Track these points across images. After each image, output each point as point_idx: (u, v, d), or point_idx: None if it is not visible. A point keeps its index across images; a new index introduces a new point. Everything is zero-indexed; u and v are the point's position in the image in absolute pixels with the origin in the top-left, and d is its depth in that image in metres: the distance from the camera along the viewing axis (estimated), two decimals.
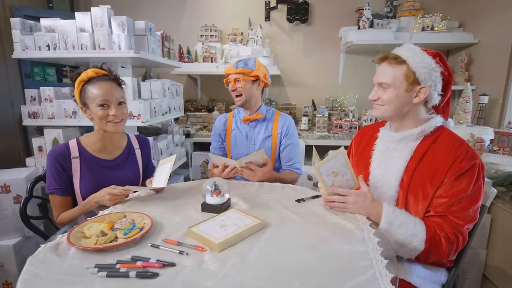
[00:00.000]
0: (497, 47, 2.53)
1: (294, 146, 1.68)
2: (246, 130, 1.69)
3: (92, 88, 1.22)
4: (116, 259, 0.77)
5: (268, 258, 0.79)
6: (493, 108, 2.53)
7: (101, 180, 1.25)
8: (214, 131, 1.77)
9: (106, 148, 1.33)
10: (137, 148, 1.44)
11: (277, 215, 1.05)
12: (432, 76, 1.02)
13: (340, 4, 3.24)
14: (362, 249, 0.83)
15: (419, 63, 1.02)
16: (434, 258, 1.00)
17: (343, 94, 3.37)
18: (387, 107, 1.08)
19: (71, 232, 0.88)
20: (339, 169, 1.05)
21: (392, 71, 1.05)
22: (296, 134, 1.72)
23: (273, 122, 1.68)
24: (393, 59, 1.05)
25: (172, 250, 0.81)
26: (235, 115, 1.75)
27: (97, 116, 1.23)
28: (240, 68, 1.56)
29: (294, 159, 1.67)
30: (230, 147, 1.71)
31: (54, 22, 1.89)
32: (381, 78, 1.08)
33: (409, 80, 1.03)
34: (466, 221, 1.00)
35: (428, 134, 1.08)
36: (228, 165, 1.42)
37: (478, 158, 1.01)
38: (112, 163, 1.34)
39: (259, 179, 1.42)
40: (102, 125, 1.25)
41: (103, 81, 1.24)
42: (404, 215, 1.00)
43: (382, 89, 1.09)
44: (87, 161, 1.28)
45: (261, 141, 1.67)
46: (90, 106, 1.23)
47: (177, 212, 1.08)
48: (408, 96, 1.05)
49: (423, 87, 1.03)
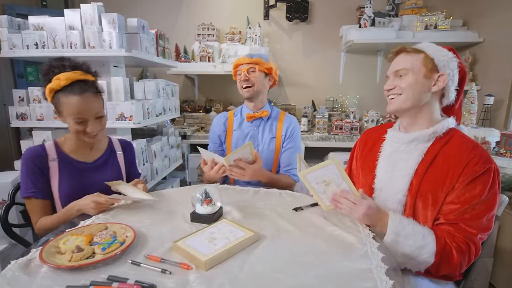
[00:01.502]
0: (502, 46, 2.46)
1: (295, 150, 1.58)
2: (249, 129, 1.58)
3: (65, 99, 1.10)
4: (91, 280, 0.69)
5: (259, 279, 0.71)
6: (498, 109, 2.45)
7: (80, 183, 1.18)
8: (212, 132, 1.66)
9: (84, 151, 1.26)
10: (119, 151, 1.36)
11: (272, 226, 0.97)
12: (450, 64, 1.00)
13: (341, 2, 3.16)
14: (364, 267, 0.75)
15: (436, 51, 1.01)
16: (446, 271, 0.92)
17: (343, 95, 3.29)
18: (406, 95, 1.02)
19: (45, 246, 0.80)
20: (332, 179, 0.96)
21: (410, 58, 1.02)
22: (299, 138, 1.61)
23: (278, 122, 1.58)
24: (410, 49, 1.03)
25: (154, 268, 0.73)
26: (236, 114, 1.64)
27: (73, 129, 1.14)
28: (256, 58, 1.49)
29: (293, 164, 1.58)
30: (231, 149, 1.59)
31: (42, 20, 1.81)
32: (398, 65, 1.04)
33: (428, 66, 1.00)
34: (480, 230, 0.91)
35: (440, 135, 1.01)
36: (217, 162, 1.33)
37: (493, 162, 0.93)
38: (91, 165, 1.26)
39: (249, 178, 1.33)
40: (78, 137, 1.17)
41: (78, 94, 1.10)
42: (412, 225, 0.92)
43: (399, 78, 1.04)
44: (65, 163, 1.20)
45: (266, 143, 1.57)
46: (65, 117, 1.14)
47: (164, 222, 1.00)
48: (426, 83, 1.00)
49: (441, 74, 0.99)
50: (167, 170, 2.40)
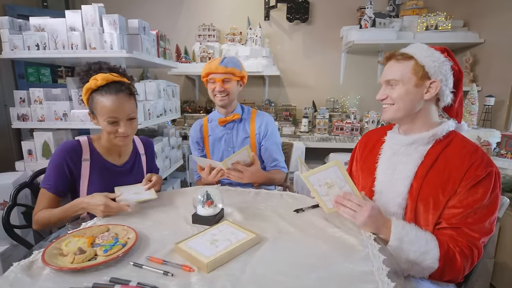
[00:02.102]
0: (503, 47, 2.46)
1: (276, 145, 1.60)
2: (223, 133, 1.61)
3: (101, 99, 1.12)
4: (93, 282, 0.69)
5: (261, 281, 0.71)
6: (499, 110, 2.45)
7: (110, 186, 1.18)
8: (191, 140, 1.69)
9: (115, 153, 1.27)
10: (142, 154, 1.38)
11: (274, 228, 0.97)
12: (442, 69, 0.96)
13: (341, 2, 3.16)
14: (366, 269, 0.75)
15: (427, 57, 0.97)
16: (450, 276, 0.92)
17: (344, 95, 3.29)
18: (398, 106, 1.01)
19: (48, 248, 0.80)
20: (335, 181, 0.95)
21: (399, 66, 1.00)
22: (276, 132, 1.63)
23: (250, 122, 1.60)
24: (400, 55, 1.01)
25: (156, 270, 0.74)
26: (210, 119, 1.66)
27: (105, 130, 1.16)
28: (230, 68, 1.47)
29: (278, 158, 1.60)
30: (210, 153, 1.63)
31: (44, 21, 1.82)
32: (388, 75, 1.02)
33: (418, 74, 0.97)
34: (482, 234, 0.92)
35: (440, 138, 1.00)
36: (214, 167, 1.34)
37: (494, 166, 0.93)
38: (120, 169, 1.27)
39: (248, 180, 1.34)
40: (109, 139, 1.18)
41: (114, 94, 1.12)
42: (415, 231, 0.92)
43: (390, 87, 1.03)
44: (98, 164, 1.21)
45: (240, 143, 1.59)
46: (98, 118, 1.16)
47: (166, 223, 1.00)
48: (418, 92, 0.99)
49: (433, 81, 0.97)
50: (168, 171, 2.40)
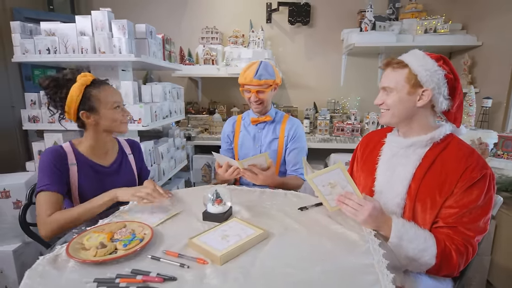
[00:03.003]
0: (500, 49, 2.51)
1: (300, 150, 1.67)
2: (254, 131, 1.70)
3: (100, 91, 1.21)
4: (116, 273, 0.75)
5: (270, 273, 0.77)
6: (496, 112, 2.50)
7: (100, 187, 1.22)
8: (223, 133, 1.80)
9: (101, 154, 1.31)
10: (129, 153, 1.42)
11: (280, 225, 1.03)
12: (434, 78, 1.01)
13: (342, 6, 3.22)
14: (367, 262, 0.81)
15: (420, 66, 1.02)
16: (446, 272, 0.98)
17: (345, 97, 3.35)
18: (392, 112, 1.08)
19: (70, 243, 0.86)
20: (338, 182, 1.01)
21: (394, 75, 1.06)
22: (303, 138, 1.70)
23: (281, 125, 1.69)
24: (396, 64, 1.06)
25: (173, 263, 0.80)
26: (244, 117, 1.77)
27: (112, 118, 1.23)
28: (264, 80, 1.54)
29: (299, 164, 1.66)
30: (238, 148, 1.73)
31: (54, 26, 1.87)
32: (384, 83, 1.09)
33: (411, 82, 1.03)
34: (477, 233, 0.98)
35: (438, 141, 1.06)
36: (231, 165, 1.41)
37: (488, 168, 0.99)
38: (108, 169, 1.31)
39: (261, 182, 1.41)
40: (114, 126, 1.25)
41: (107, 84, 1.26)
42: (414, 229, 0.98)
43: (386, 94, 1.09)
44: (85, 167, 1.24)
45: (268, 143, 1.67)
46: (101, 110, 1.21)
47: (178, 221, 1.07)
48: (411, 99, 1.04)
49: (426, 89, 1.02)
50: (173, 171, 2.46)
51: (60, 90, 1.20)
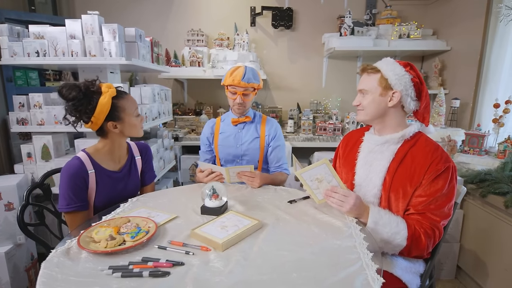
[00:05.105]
0: (467, 53, 2.73)
1: (281, 147, 1.79)
2: (234, 131, 1.78)
3: (125, 101, 1.28)
4: (128, 261, 0.83)
5: (267, 255, 0.87)
6: (464, 111, 2.72)
7: (114, 192, 1.27)
8: (202, 135, 1.86)
9: (114, 160, 1.35)
10: (137, 156, 1.46)
11: (272, 216, 1.13)
12: (402, 81, 1.15)
13: (323, 11, 3.37)
14: (350, 244, 0.93)
15: (390, 71, 1.17)
16: (416, 253, 1.12)
17: (326, 98, 3.50)
18: (366, 111, 1.23)
19: (80, 237, 0.93)
20: (324, 177, 1.14)
21: (369, 79, 1.22)
22: (282, 136, 1.82)
23: (261, 125, 1.78)
24: (370, 69, 1.22)
25: (179, 251, 0.88)
26: (223, 119, 1.84)
27: (135, 125, 1.30)
28: (251, 83, 1.63)
29: (282, 160, 1.78)
30: (218, 149, 1.79)
31: (43, 29, 1.89)
32: (360, 86, 1.25)
33: (382, 85, 1.18)
34: (442, 218, 1.12)
35: (408, 138, 1.20)
36: (214, 171, 1.51)
37: (451, 161, 1.14)
38: (119, 174, 1.35)
39: (258, 185, 1.50)
40: (135, 132, 1.32)
41: (128, 94, 1.33)
42: (388, 215, 1.11)
43: (362, 96, 1.24)
44: (101, 174, 1.27)
45: (249, 142, 1.75)
46: (126, 118, 1.28)
47: (178, 215, 1.14)
48: (383, 100, 1.19)
49: (395, 91, 1.17)
50: (162, 171, 2.51)
51: (87, 102, 1.20)
